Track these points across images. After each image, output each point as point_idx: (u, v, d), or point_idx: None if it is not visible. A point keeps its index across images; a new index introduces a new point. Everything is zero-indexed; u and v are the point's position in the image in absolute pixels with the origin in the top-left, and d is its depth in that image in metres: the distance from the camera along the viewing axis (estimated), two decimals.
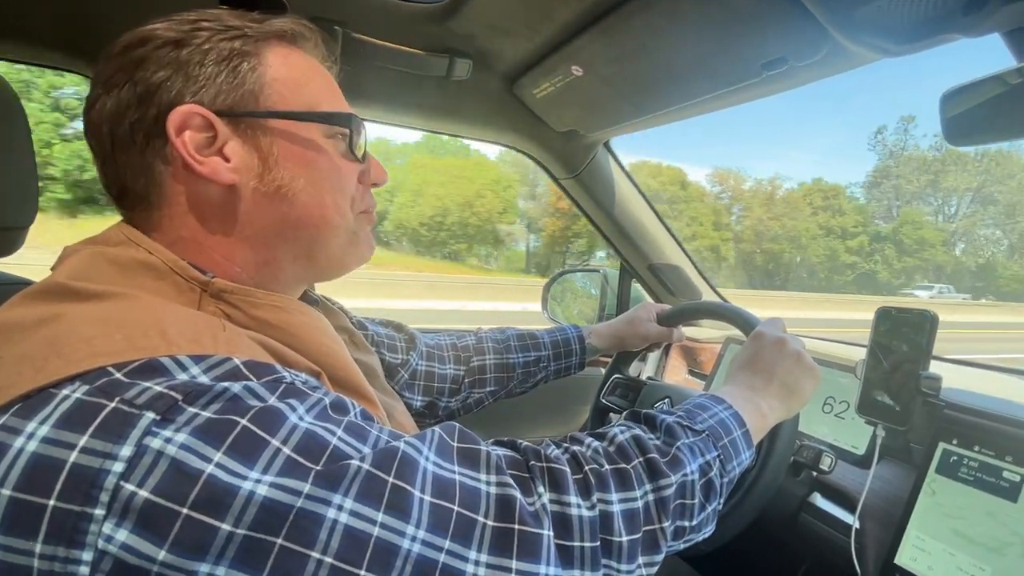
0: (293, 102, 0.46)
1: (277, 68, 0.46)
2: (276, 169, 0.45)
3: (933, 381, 0.69)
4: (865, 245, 40.44)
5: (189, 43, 0.42)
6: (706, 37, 0.75)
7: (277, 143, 0.45)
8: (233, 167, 0.44)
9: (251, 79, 0.44)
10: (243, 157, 0.44)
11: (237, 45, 0.44)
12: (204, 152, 0.43)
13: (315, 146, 0.47)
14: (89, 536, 0.28)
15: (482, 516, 0.36)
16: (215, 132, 0.43)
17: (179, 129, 0.42)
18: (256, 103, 0.44)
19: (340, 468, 0.32)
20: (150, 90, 0.42)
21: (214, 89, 0.43)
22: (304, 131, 0.46)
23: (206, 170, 0.43)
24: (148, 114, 0.42)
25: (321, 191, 0.47)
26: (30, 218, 0.64)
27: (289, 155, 0.46)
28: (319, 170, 0.47)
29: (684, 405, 0.56)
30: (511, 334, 0.93)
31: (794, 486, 0.81)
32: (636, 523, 0.43)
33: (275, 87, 0.45)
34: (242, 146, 0.44)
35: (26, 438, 0.29)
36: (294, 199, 0.46)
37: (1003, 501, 0.62)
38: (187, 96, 0.42)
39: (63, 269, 0.40)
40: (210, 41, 0.43)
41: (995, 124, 0.58)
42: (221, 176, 0.43)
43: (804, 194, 42.07)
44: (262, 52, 0.45)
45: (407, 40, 0.93)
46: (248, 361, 0.35)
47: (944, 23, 0.55)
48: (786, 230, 39.29)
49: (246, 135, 0.44)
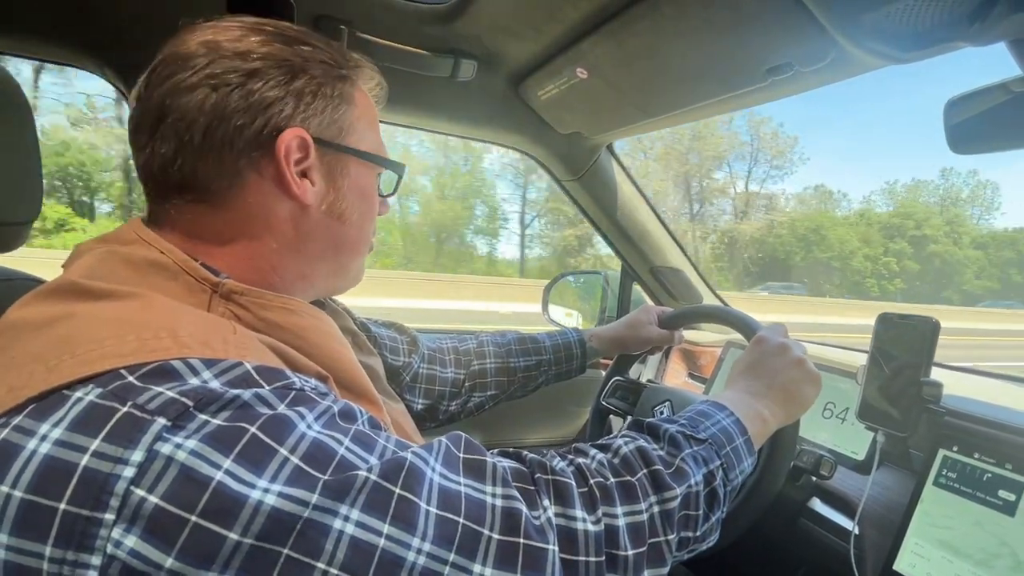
0: (364, 143, 0.52)
1: (360, 109, 0.51)
2: (343, 199, 0.50)
3: (934, 388, 0.69)
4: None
5: (305, 72, 0.46)
6: (712, 41, 0.75)
7: (347, 176, 0.50)
8: (316, 191, 0.48)
9: (345, 117, 0.49)
10: (322, 184, 0.49)
11: (341, 87, 0.49)
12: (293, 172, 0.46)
13: (371, 182, 0.54)
14: (98, 541, 0.28)
15: (487, 529, 0.36)
16: (308, 156, 0.46)
17: (287, 149, 0.45)
18: (343, 138, 0.50)
19: (347, 478, 0.32)
20: (263, 104, 0.44)
21: (318, 120, 0.47)
22: (367, 168, 0.52)
23: (298, 191, 0.46)
24: (256, 125, 0.43)
25: (365, 220, 0.54)
26: (33, 214, 0.64)
27: (353, 188, 0.51)
28: (368, 203, 0.53)
29: (686, 413, 0.55)
30: (512, 338, 0.93)
31: (794, 491, 0.81)
32: (641, 536, 0.42)
33: (357, 126, 0.51)
34: (324, 174, 0.49)
35: (39, 440, 0.29)
36: (348, 227, 0.52)
37: (1001, 514, 0.62)
38: (297, 120, 0.45)
39: (76, 268, 0.40)
40: (322, 77, 0.47)
41: (999, 133, 0.58)
42: (306, 197, 0.47)
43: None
44: (355, 94, 0.51)
45: (412, 41, 0.93)
46: (259, 366, 0.35)
47: (950, 31, 0.55)
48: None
49: (328, 165, 0.49)
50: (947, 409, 0.72)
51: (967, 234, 39.50)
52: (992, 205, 41.25)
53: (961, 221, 39.65)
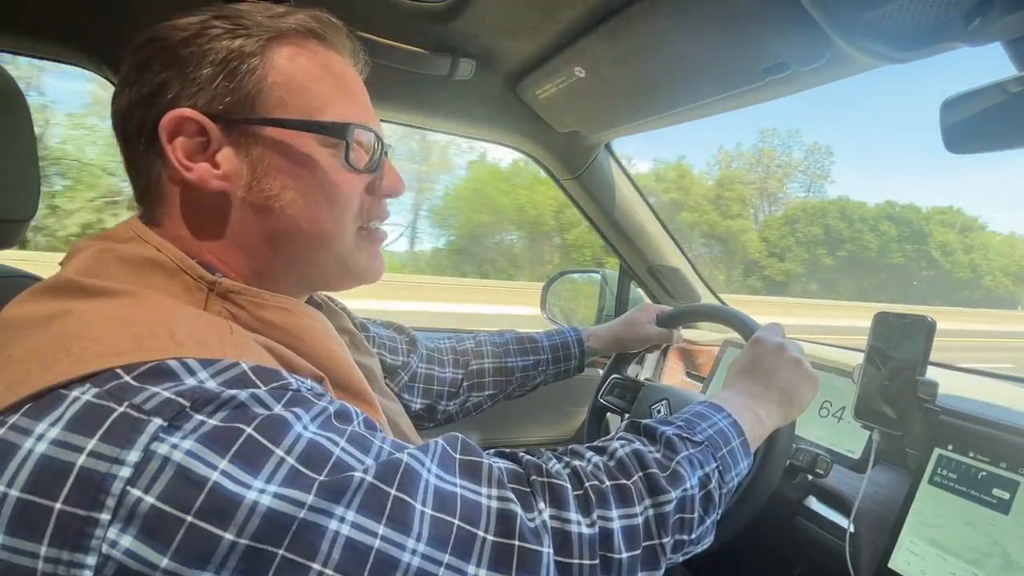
0: (292, 108, 0.43)
1: (280, 70, 0.43)
2: (265, 179, 0.43)
3: (930, 387, 0.70)
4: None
5: (191, 43, 0.41)
6: (709, 41, 0.75)
7: (269, 152, 0.43)
8: (221, 174, 0.43)
9: (249, 82, 0.42)
10: (234, 164, 0.43)
11: (237, 44, 0.42)
12: (196, 158, 0.42)
13: (307, 157, 0.44)
14: (94, 540, 0.28)
15: (482, 531, 0.36)
16: (208, 137, 0.42)
17: (172, 133, 0.41)
18: (252, 108, 0.42)
19: (343, 479, 0.32)
20: (153, 91, 0.42)
21: (210, 93, 0.41)
22: (298, 140, 0.44)
23: (194, 176, 0.42)
24: (149, 115, 0.42)
25: (313, 204, 0.45)
26: (31, 211, 0.64)
27: (280, 165, 0.43)
28: (311, 182, 0.45)
29: (683, 414, 0.55)
30: (510, 337, 0.93)
31: (790, 489, 0.81)
32: (636, 539, 0.42)
33: (274, 91, 0.43)
34: (235, 153, 0.43)
35: (36, 439, 0.29)
36: (281, 212, 0.44)
37: (995, 512, 0.62)
38: (183, 99, 0.41)
39: (73, 265, 0.40)
40: (212, 41, 0.41)
41: (995, 132, 0.58)
42: (208, 184, 0.42)
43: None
44: (266, 52, 0.43)
45: (410, 39, 0.93)
46: (256, 366, 0.35)
47: (946, 31, 0.55)
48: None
49: (239, 142, 0.43)
50: (943, 408, 0.72)
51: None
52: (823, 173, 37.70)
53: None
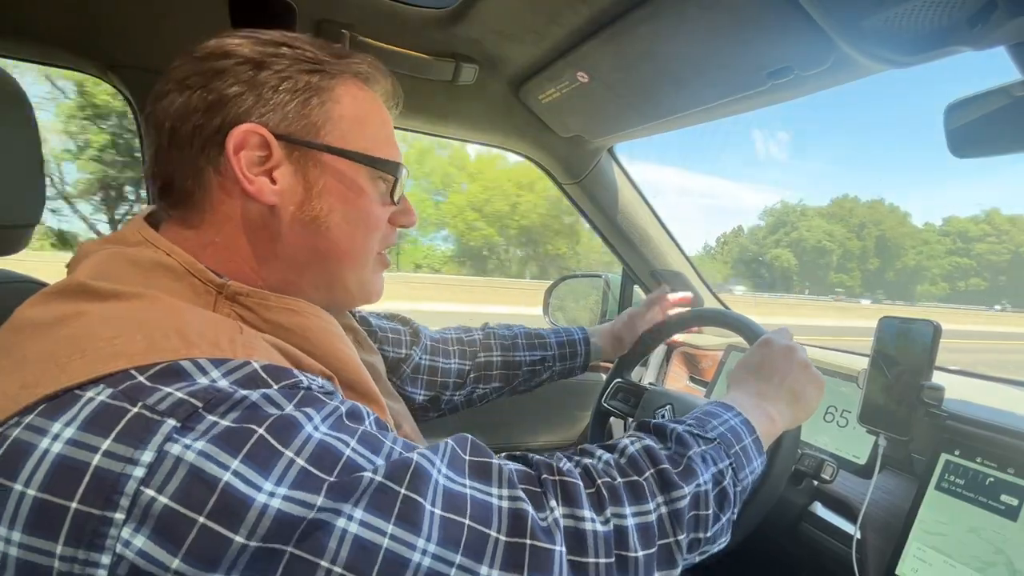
0: (350, 141, 0.48)
1: (345, 106, 0.48)
2: (317, 200, 0.47)
3: (935, 391, 0.69)
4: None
5: (269, 66, 0.44)
6: (712, 45, 0.75)
7: (324, 176, 0.47)
8: (277, 190, 0.45)
9: (317, 112, 0.46)
10: (290, 182, 0.46)
11: (314, 80, 0.46)
12: (254, 170, 0.44)
13: (357, 186, 0.49)
14: (108, 540, 0.28)
15: (494, 531, 0.36)
16: (270, 153, 0.45)
17: (238, 146, 0.43)
18: (316, 135, 0.46)
19: (353, 480, 0.33)
20: (221, 101, 0.43)
21: (280, 114, 0.45)
22: (351, 170, 0.48)
23: (252, 188, 0.44)
24: (212, 122, 0.43)
25: (353, 228, 0.49)
26: (36, 216, 0.64)
27: (332, 190, 0.47)
28: (355, 208, 0.49)
29: (693, 413, 0.55)
30: (519, 331, 0.94)
31: (795, 495, 0.81)
32: (651, 537, 0.42)
33: (338, 124, 0.47)
34: (292, 172, 0.46)
35: (52, 439, 0.29)
36: (326, 231, 0.48)
37: (1003, 518, 0.62)
38: (254, 115, 0.44)
39: (83, 268, 0.41)
40: (289, 69, 0.45)
41: (999, 137, 0.58)
42: (264, 196, 0.45)
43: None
44: (335, 88, 0.47)
45: (414, 44, 0.93)
46: (267, 365, 0.36)
47: (950, 35, 0.55)
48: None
49: (298, 163, 0.46)
50: (949, 413, 0.72)
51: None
52: None
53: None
